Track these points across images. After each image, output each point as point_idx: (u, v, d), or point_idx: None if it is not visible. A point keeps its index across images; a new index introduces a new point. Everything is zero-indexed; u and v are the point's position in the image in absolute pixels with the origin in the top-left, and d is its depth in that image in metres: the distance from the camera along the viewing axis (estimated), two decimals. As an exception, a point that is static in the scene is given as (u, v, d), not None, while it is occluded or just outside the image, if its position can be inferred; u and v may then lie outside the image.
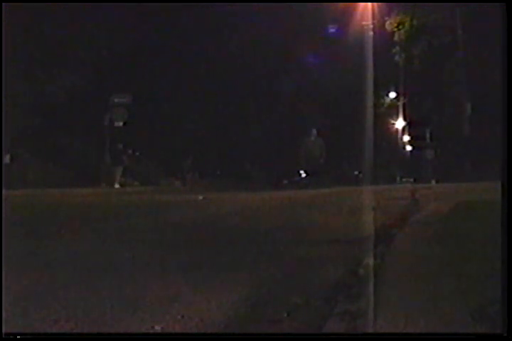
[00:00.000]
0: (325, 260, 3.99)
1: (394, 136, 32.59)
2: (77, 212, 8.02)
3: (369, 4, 25.28)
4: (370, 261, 3.66)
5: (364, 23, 25.08)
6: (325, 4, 23.62)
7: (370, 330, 2.27)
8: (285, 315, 2.62)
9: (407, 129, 32.48)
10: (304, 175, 18.07)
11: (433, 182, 22.88)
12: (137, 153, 24.57)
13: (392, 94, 31.74)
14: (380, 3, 25.69)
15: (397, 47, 27.48)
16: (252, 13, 22.84)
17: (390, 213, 7.02)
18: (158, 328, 2.41)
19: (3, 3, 11.90)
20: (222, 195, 12.50)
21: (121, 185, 20.41)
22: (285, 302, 2.83)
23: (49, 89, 20.41)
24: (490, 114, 19.73)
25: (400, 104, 31.68)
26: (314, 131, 18.01)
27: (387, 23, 26.67)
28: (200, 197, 10.53)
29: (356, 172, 28.19)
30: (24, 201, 10.41)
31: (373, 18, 25.30)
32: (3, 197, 8.61)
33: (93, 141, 21.39)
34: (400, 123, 32.64)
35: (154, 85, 22.92)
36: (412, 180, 25.60)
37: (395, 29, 26.80)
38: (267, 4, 22.33)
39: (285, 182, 22.91)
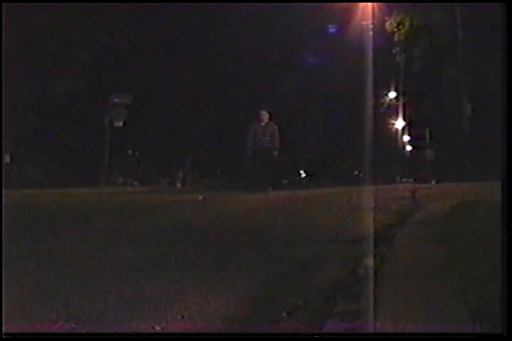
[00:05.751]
0: (324, 259, 3.99)
1: (394, 136, 32.66)
2: (77, 212, 8.01)
3: (369, 4, 25.28)
4: (370, 261, 3.66)
5: (364, 23, 25.07)
6: (325, 4, 23.64)
7: (370, 330, 2.27)
8: (285, 314, 2.62)
9: (407, 129, 32.58)
10: (303, 174, 17.58)
11: (433, 182, 22.88)
12: (137, 153, 24.60)
13: (392, 94, 31.81)
14: (380, 3, 25.70)
15: (397, 48, 27.50)
16: (252, 13, 22.85)
17: (390, 213, 7.02)
18: (158, 328, 2.41)
19: (3, 3, 11.91)
20: (222, 195, 12.49)
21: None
22: (285, 302, 2.83)
23: (49, 89, 20.41)
24: (490, 114, 19.75)
25: (400, 104, 31.76)
26: (265, 114, 13.66)
27: (387, 23, 26.68)
28: (200, 197, 10.52)
29: (356, 172, 28.26)
30: (24, 201, 10.40)
31: (373, 18, 25.29)
32: (3, 197, 8.60)
33: (93, 141, 21.38)
34: (399, 123, 32.71)
35: (154, 85, 22.93)
36: (412, 180, 25.66)
37: (395, 29, 26.81)
38: (267, 4, 22.36)
39: (284, 182, 22.90)
